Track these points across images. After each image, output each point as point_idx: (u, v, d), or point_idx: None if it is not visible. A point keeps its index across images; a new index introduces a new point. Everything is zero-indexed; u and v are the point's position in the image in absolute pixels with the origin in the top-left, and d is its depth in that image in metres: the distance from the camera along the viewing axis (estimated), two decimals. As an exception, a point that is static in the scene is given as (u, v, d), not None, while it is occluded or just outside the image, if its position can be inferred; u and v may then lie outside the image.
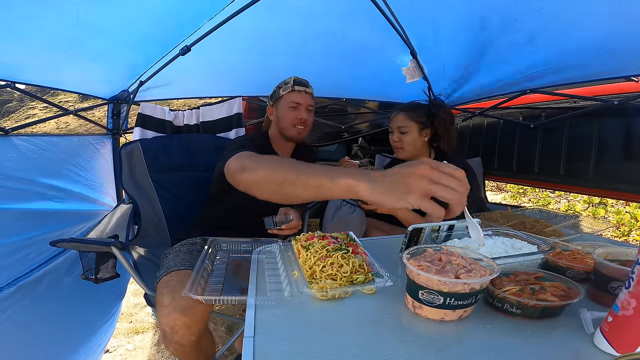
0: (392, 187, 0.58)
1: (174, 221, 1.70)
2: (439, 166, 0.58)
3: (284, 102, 1.40)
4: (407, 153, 1.52)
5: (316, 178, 0.66)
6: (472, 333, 0.58)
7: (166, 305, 1.02)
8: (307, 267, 0.76)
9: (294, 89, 1.39)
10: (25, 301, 1.20)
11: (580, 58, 1.47)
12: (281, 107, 1.41)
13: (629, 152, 1.65)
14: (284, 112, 1.40)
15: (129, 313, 2.18)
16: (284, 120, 1.40)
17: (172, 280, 1.08)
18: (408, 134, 1.48)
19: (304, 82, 1.42)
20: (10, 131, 1.35)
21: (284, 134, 1.42)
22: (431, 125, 1.47)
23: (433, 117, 1.46)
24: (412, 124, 1.48)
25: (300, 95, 1.40)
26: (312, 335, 0.56)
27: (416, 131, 1.48)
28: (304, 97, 1.40)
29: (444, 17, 1.56)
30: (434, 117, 1.46)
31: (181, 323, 1.00)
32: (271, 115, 1.46)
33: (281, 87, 1.42)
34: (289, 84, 1.40)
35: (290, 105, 1.39)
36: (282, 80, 1.44)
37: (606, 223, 1.68)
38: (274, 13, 1.49)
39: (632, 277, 0.50)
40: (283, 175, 0.72)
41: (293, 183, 0.69)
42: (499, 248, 0.82)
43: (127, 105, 1.84)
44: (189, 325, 1.01)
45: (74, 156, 1.61)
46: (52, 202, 1.46)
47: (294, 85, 1.39)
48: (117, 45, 1.41)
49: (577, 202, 4.16)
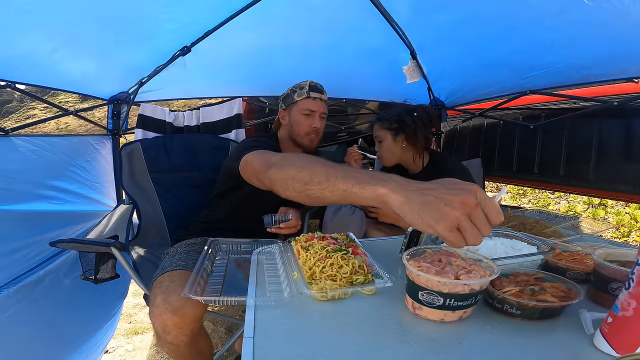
0: (424, 209, 0.52)
1: (174, 221, 1.70)
2: (486, 204, 0.52)
3: (298, 108, 1.37)
4: (388, 160, 1.55)
5: (345, 182, 0.62)
6: (472, 334, 0.58)
7: (158, 306, 1.02)
8: (307, 267, 0.76)
9: (309, 95, 1.35)
10: (25, 302, 1.20)
11: (580, 60, 1.48)
12: (294, 113, 1.38)
13: (629, 153, 1.65)
14: (297, 119, 1.37)
15: (129, 313, 2.18)
16: (297, 127, 1.37)
17: (165, 281, 1.08)
18: (384, 142, 1.51)
19: (319, 88, 1.39)
20: (10, 131, 1.35)
21: (296, 140, 1.40)
22: (402, 130, 1.47)
23: (403, 123, 1.47)
24: (384, 132, 1.50)
25: (315, 102, 1.36)
26: (312, 336, 0.56)
27: (390, 138, 1.50)
28: (319, 105, 1.37)
29: (444, 18, 1.56)
30: (404, 123, 1.46)
31: (173, 323, 1.00)
32: (283, 119, 1.42)
33: (296, 92, 1.37)
34: (304, 89, 1.36)
35: (304, 113, 1.36)
36: (296, 84, 1.40)
37: (606, 224, 1.68)
38: (274, 13, 1.49)
39: (632, 278, 0.50)
40: (311, 176, 0.69)
41: (320, 183, 0.66)
42: (499, 249, 0.82)
43: (127, 106, 1.84)
44: (181, 326, 1.01)
45: (74, 157, 1.61)
46: (52, 203, 1.46)
47: (309, 91, 1.35)
48: (118, 45, 1.41)
49: (577, 203, 4.16)
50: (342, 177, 0.64)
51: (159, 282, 1.09)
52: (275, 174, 0.80)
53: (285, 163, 0.80)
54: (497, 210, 0.53)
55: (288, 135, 1.42)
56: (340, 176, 0.64)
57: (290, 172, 0.75)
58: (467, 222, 0.51)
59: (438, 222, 0.50)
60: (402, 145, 1.50)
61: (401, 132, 1.47)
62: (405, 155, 1.52)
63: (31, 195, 1.36)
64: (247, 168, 1.00)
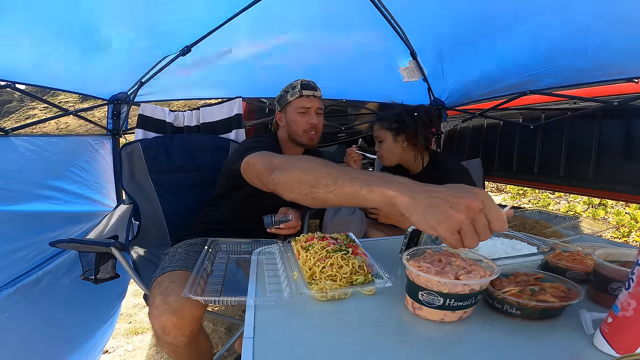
0: (429, 211, 0.53)
1: (174, 221, 1.70)
2: (490, 210, 0.52)
3: (293, 107, 1.36)
4: (388, 160, 1.54)
5: (352, 185, 0.62)
6: (471, 334, 0.58)
7: (157, 306, 1.02)
8: (307, 268, 0.76)
9: (301, 93, 1.35)
10: (24, 302, 1.20)
11: (580, 60, 1.48)
12: (290, 113, 1.37)
13: (629, 153, 1.65)
14: (293, 118, 1.37)
15: (128, 314, 2.18)
16: (294, 126, 1.37)
17: (164, 281, 1.08)
18: (384, 142, 1.51)
19: (311, 85, 1.38)
20: (10, 131, 1.35)
21: (296, 140, 1.40)
22: (402, 130, 1.47)
23: (403, 123, 1.47)
24: (385, 132, 1.50)
25: (309, 100, 1.36)
26: (312, 336, 0.56)
27: (390, 138, 1.49)
28: (313, 101, 1.37)
29: (444, 18, 1.56)
30: (404, 123, 1.46)
31: (172, 324, 1.00)
32: (280, 120, 1.42)
33: (289, 92, 1.37)
34: (296, 88, 1.36)
35: (299, 111, 1.36)
36: (288, 84, 1.40)
37: (606, 224, 1.68)
38: (274, 13, 1.49)
39: (632, 278, 0.50)
40: (317, 179, 0.68)
41: (327, 186, 0.66)
42: (499, 249, 0.82)
43: (127, 106, 1.84)
44: (180, 327, 1.01)
45: (74, 157, 1.61)
46: (52, 203, 1.46)
47: (301, 89, 1.35)
48: (118, 45, 1.41)
49: (577, 203, 4.16)
50: (349, 180, 0.64)
51: (158, 282, 1.09)
52: (279, 177, 0.79)
53: (289, 165, 0.79)
54: (501, 218, 0.53)
55: (287, 136, 1.42)
56: (347, 179, 0.64)
57: (296, 175, 0.74)
58: (469, 226, 0.52)
59: (440, 224, 0.52)
60: (402, 145, 1.50)
61: (402, 132, 1.47)
62: (406, 155, 1.52)
63: (31, 195, 1.35)
64: (249, 170, 0.99)
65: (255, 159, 0.96)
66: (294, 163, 0.79)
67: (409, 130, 1.46)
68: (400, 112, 1.49)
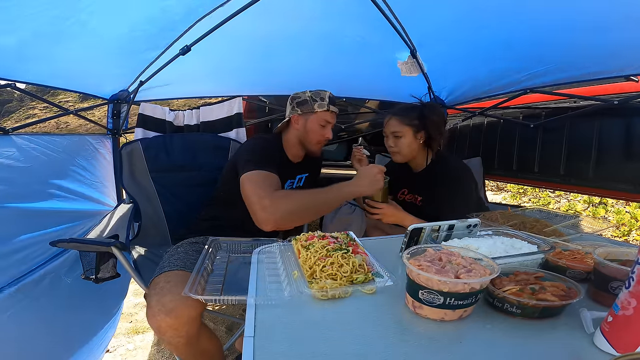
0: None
1: (174, 220, 1.70)
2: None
3: (317, 118, 1.39)
4: (404, 157, 1.52)
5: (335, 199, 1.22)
6: (472, 333, 0.58)
7: (152, 307, 1.02)
8: (307, 267, 0.77)
9: (329, 108, 1.39)
10: (25, 301, 1.20)
11: (580, 57, 1.47)
12: (312, 122, 1.39)
13: (629, 152, 1.65)
14: (313, 127, 1.39)
15: (130, 313, 2.18)
16: (312, 135, 1.40)
17: (160, 282, 1.08)
18: (403, 138, 1.48)
19: (336, 102, 1.43)
20: (10, 131, 1.35)
21: (307, 147, 1.44)
22: (424, 127, 1.47)
23: (425, 120, 1.46)
24: (406, 128, 1.47)
25: (332, 115, 1.41)
26: (312, 335, 0.56)
27: (411, 135, 1.47)
28: (334, 117, 1.43)
29: (444, 16, 1.56)
30: (426, 119, 1.46)
31: (167, 325, 1.00)
32: (296, 123, 1.42)
33: (317, 102, 1.38)
34: (325, 100, 1.38)
35: (321, 123, 1.39)
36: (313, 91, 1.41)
37: (606, 223, 1.68)
38: (274, 14, 1.48)
39: (632, 277, 0.50)
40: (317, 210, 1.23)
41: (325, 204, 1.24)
42: (499, 248, 0.82)
43: (127, 105, 1.84)
44: (176, 327, 1.01)
45: (74, 156, 1.61)
46: (52, 202, 1.45)
47: (329, 104, 1.39)
48: (117, 45, 1.41)
49: (577, 202, 4.16)
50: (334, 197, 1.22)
51: (155, 282, 1.10)
52: (290, 220, 1.15)
53: (297, 212, 1.16)
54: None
55: (297, 139, 1.43)
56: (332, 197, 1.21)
57: (305, 218, 1.25)
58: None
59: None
60: (419, 142, 1.49)
61: (423, 129, 1.46)
62: (420, 153, 1.52)
63: (31, 195, 1.35)
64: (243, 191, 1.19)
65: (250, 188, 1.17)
66: (301, 208, 1.17)
67: (432, 127, 1.45)
68: (422, 109, 1.49)
